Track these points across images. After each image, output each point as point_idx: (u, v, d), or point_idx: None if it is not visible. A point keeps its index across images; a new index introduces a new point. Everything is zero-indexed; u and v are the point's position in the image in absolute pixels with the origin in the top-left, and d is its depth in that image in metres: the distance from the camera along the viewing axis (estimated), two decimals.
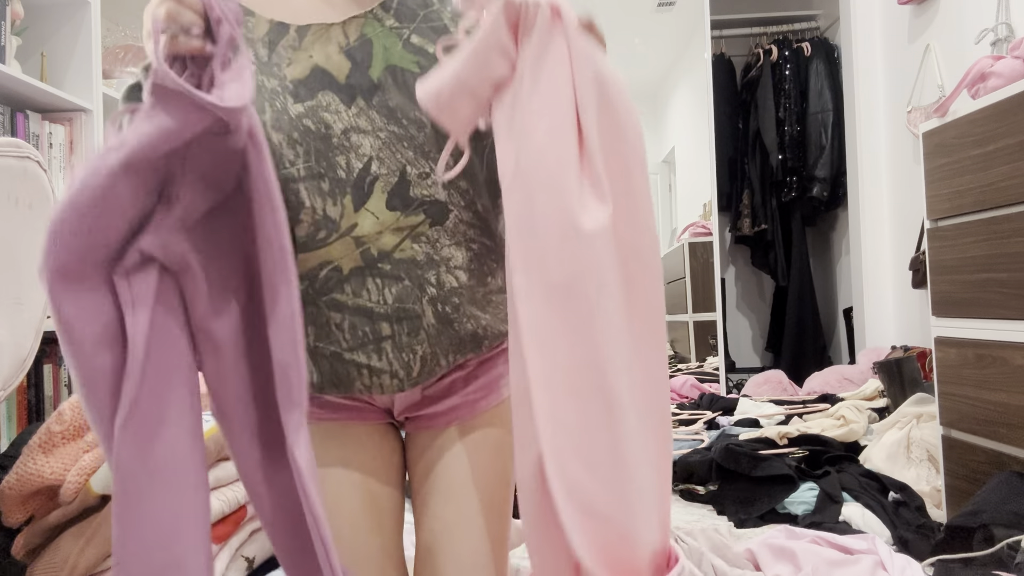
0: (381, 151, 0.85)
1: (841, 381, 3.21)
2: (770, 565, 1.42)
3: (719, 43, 4.34)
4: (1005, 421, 1.61)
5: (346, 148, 0.84)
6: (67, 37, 2.17)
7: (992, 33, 2.35)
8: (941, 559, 1.42)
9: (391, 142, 0.85)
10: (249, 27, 0.87)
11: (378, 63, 0.86)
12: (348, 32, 0.87)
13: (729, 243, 4.56)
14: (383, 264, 0.85)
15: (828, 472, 2.05)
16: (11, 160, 1.10)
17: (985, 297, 1.66)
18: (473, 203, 0.89)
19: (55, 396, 1.96)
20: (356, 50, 0.86)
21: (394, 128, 0.85)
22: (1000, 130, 1.60)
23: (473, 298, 0.89)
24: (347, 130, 0.85)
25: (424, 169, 0.86)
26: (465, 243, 0.88)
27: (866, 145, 3.49)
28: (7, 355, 1.10)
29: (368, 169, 0.85)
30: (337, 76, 0.85)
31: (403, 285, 0.86)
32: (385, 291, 0.86)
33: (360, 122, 0.85)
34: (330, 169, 0.84)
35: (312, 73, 0.85)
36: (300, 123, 0.84)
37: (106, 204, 0.63)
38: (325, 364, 0.89)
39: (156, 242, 0.67)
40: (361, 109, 0.85)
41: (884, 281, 3.46)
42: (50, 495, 1.13)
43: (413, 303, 0.86)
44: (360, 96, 0.85)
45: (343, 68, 0.85)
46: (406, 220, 0.85)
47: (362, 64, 0.85)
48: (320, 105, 0.85)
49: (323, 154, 0.84)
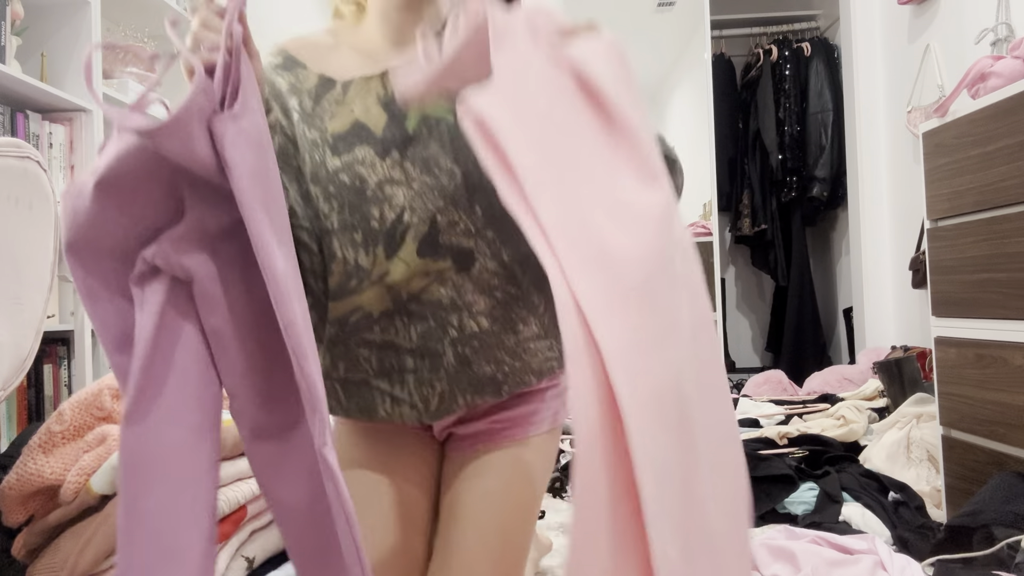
0: (413, 201, 0.87)
1: (841, 381, 3.21)
2: (768, 565, 1.42)
3: (719, 43, 4.34)
4: (1005, 421, 1.61)
5: (380, 200, 0.87)
6: (67, 37, 2.16)
7: (992, 33, 2.35)
8: (941, 559, 1.43)
9: (423, 192, 0.87)
10: (300, 78, 0.92)
11: (414, 114, 0.88)
12: (387, 84, 0.90)
13: (729, 243, 4.56)
14: (411, 305, 0.89)
15: (828, 472, 2.05)
16: (11, 160, 1.10)
17: (985, 297, 1.66)
18: (499, 253, 0.90)
19: (55, 396, 1.96)
20: (393, 102, 0.88)
21: (427, 178, 0.87)
22: (1000, 130, 1.60)
23: (500, 344, 0.91)
24: (381, 182, 0.87)
25: (453, 217, 0.88)
26: (489, 291, 0.89)
27: (866, 145, 3.49)
28: (7, 355, 1.10)
29: (400, 219, 0.87)
30: (374, 129, 0.88)
31: (428, 325, 0.89)
32: (411, 328, 0.89)
33: (394, 174, 0.87)
34: (363, 220, 0.87)
35: (352, 127, 0.89)
36: (336, 177, 0.87)
37: (95, 220, 0.69)
38: (353, 390, 0.93)
39: (158, 253, 0.71)
40: (395, 161, 0.88)
41: (884, 281, 3.46)
42: (50, 495, 1.13)
43: (436, 343, 0.89)
44: (395, 149, 0.88)
45: (380, 121, 0.89)
46: (434, 265, 0.88)
47: (398, 116, 0.88)
48: (356, 159, 0.87)
49: (357, 207, 0.87)
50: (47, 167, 1.21)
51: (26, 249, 1.15)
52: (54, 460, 1.12)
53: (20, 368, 1.14)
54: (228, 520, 1.13)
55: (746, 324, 4.71)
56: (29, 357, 1.16)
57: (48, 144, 2.05)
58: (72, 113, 2.12)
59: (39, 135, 2.02)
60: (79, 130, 2.13)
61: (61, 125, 2.10)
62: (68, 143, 2.12)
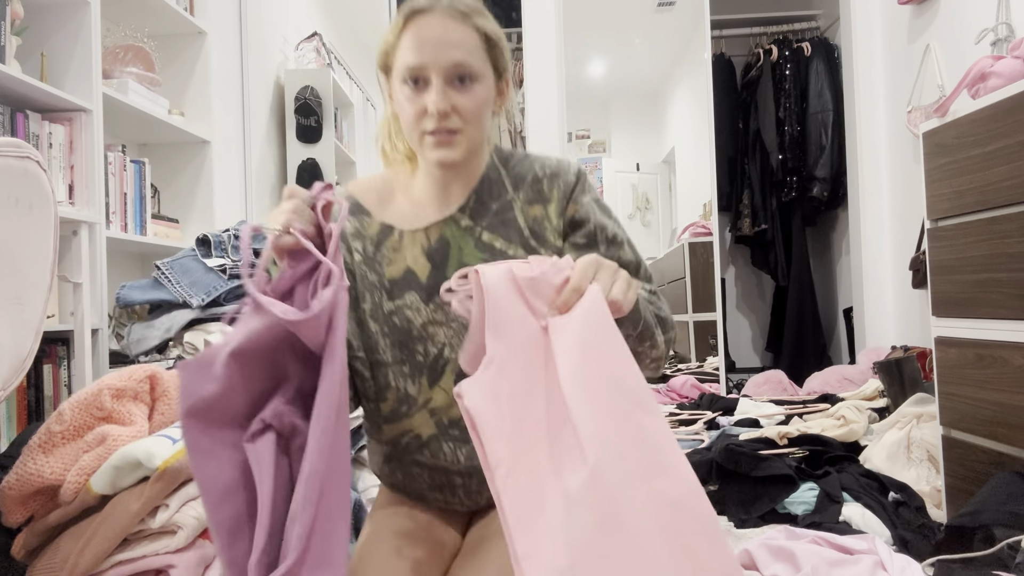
0: (452, 339, 1.02)
1: (841, 381, 3.21)
2: (768, 565, 1.42)
3: (719, 43, 4.34)
4: (1005, 421, 1.61)
5: (424, 338, 1.02)
6: (67, 37, 2.17)
7: (992, 33, 2.35)
8: (941, 559, 1.42)
9: (460, 331, 1.01)
10: (364, 225, 1.07)
11: (453, 263, 1.03)
12: (431, 235, 1.04)
13: (729, 243, 4.56)
14: (453, 430, 1.02)
15: (828, 472, 2.05)
16: (11, 160, 1.10)
17: (985, 297, 1.66)
18: None
19: (55, 396, 1.96)
20: (436, 252, 1.04)
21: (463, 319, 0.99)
22: (1000, 130, 1.60)
23: None
24: (425, 323, 1.02)
25: None
26: None
27: (866, 145, 3.49)
28: (7, 355, 1.10)
29: (441, 354, 1.02)
30: (421, 277, 1.03)
31: (470, 447, 1.01)
32: (457, 452, 1.03)
33: (436, 316, 1.02)
34: (411, 355, 1.02)
35: (404, 274, 1.04)
36: (390, 319, 1.03)
37: (222, 387, 0.78)
38: (410, 489, 1.09)
39: (274, 414, 0.81)
40: (437, 305, 1.02)
41: (884, 281, 3.46)
42: (50, 495, 1.13)
43: (478, 461, 0.98)
44: (436, 295, 1.01)
45: (425, 270, 1.03)
46: None
47: (440, 265, 1.03)
48: (405, 304, 1.03)
49: (405, 344, 1.02)
50: (47, 167, 1.21)
51: (26, 249, 1.15)
52: (54, 460, 1.12)
53: (20, 368, 1.14)
54: None
55: (746, 324, 4.71)
56: (29, 357, 1.16)
57: (48, 144, 2.05)
58: (72, 113, 2.12)
59: (39, 135, 2.02)
60: (79, 130, 2.13)
61: (61, 125, 2.10)
62: (68, 143, 2.12)
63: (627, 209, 4.75)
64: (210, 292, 1.83)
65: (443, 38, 0.96)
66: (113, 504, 1.06)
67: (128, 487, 1.08)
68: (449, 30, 0.96)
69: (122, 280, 2.18)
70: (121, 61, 2.47)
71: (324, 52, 3.79)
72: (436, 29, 0.96)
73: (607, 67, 4.74)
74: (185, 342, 1.82)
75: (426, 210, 1.05)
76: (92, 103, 2.15)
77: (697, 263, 4.10)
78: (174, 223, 2.75)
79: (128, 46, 2.52)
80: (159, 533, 1.07)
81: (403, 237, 1.04)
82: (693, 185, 4.35)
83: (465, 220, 1.04)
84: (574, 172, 1.06)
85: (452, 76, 0.96)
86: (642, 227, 4.76)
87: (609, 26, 4.41)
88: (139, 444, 1.08)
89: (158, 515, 1.06)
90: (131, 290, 1.88)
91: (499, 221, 1.03)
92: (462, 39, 0.97)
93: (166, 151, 2.85)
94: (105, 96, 2.25)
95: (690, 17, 3.87)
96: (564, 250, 1.04)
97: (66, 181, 2.11)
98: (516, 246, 1.03)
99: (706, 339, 4.12)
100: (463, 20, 0.97)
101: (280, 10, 3.71)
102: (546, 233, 1.03)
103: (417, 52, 0.95)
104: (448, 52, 0.95)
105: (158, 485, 1.06)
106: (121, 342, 2.10)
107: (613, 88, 4.84)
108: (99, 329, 2.10)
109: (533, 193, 1.05)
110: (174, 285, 1.84)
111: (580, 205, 1.04)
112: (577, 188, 1.05)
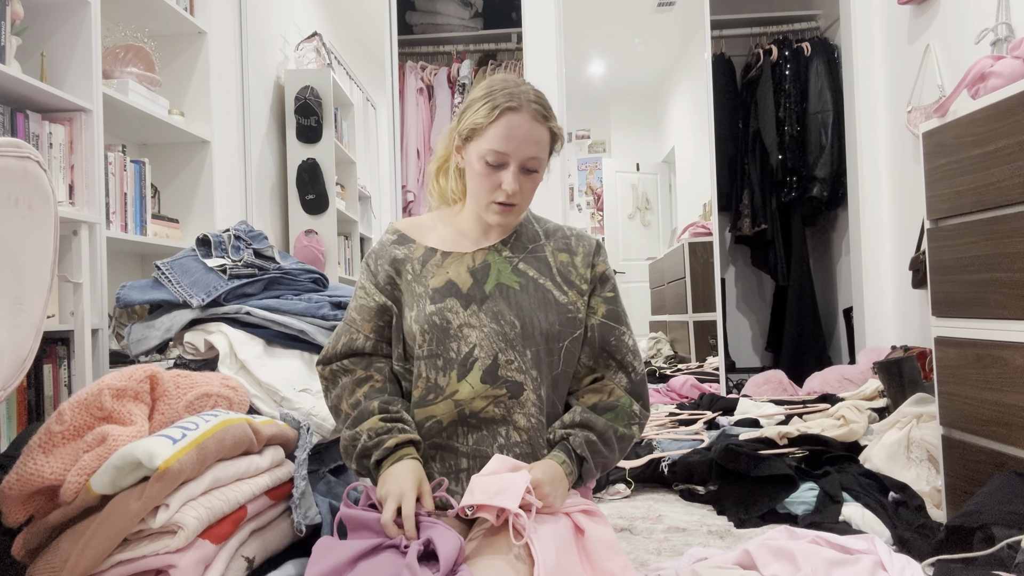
0: (482, 341, 1.20)
1: (841, 381, 3.21)
2: (768, 565, 1.42)
3: (719, 43, 4.34)
4: (1005, 421, 1.61)
5: (458, 337, 1.20)
6: (67, 37, 2.16)
7: (992, 33, 2.35)
8: (941, 559, 1.42)
9: (491, 335, 1.20)
10: (411, 250, 1.29)
11: (491, 281, 1.24)
12: (475, 258, 1.27)
13: (729, 243, 4.56)
14: (470, 419, 1.20)
15: (828, 472, 2.05)
16: (11, 160, 1.10)
17: (985, 297, 1.66)
18: (539, 388, 1.21)
19: (55, 396, 1.96)
20: (478, 271, 1.25)
21: (494, 326, 1.20)
22: (1000, 130, 1.60)
23: (533, 454, 1.20)
24: (461, 325, 1.21)
25: (510, 357, 1.19)
26: (526, 415, 1.20)
27: (866, 145, 3.49)
28: (7, 355, 1.10)
29: (472, 353, 1.20)
30: (461, 287, 1.23)
31: (481, 434, 1.20)
32: (468, 436, 1.20)
33: (471, 320, 1.21)
34: (445, 352, 1.20)
35: (446, 284, 1.24)
36: (431, 319, 1.21)
37: None
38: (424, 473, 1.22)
39: None
40: (473, 312, 1.21)
41: (884, 281, 3.46)
42: (50, 495, 1.13)
43: (486, 447, 1.19)
44: (474, 303, 1.22)
45: (467, 282, 1.24)
46: (493, 391, 1.19)
47: (480, 281, 1.24)
48: (446, 307, 1.22)
49: (441, 341, 1.20)
50: (47, 167, 1.20)
51: (26, 249, 1.15)
52: (54, 460, 1.12)
53: (20, 368, 1.14)
54: (228, 520, 1.12)
55: (746, 324, 4.71)
56: (29, 357, 1.16)
57: (48, 144, 2.05)
58: (72, 113, 2.12)
59: (39, 135, 2.02)
60: (79, 130, 2.13)
61: (61, 125, 2.10)
62: (68, 143, 2.12)
63: (627, 209, 4.75)
64: (210, 292, 1.82)
65: (527, 136, 1.18)
66: (113, 504, 1.06)
67: (128, 487, 1.08)
68: (532, 130, 1.18)
69: (122, 280, 2.17)
70: (121, 61, 2.47)
71: (324, 52, 3.79)
72: (523, 127, 1.18)
73: (607, 67, 4.74)
74: (185, 342, 1.82)
75: (469, 239, 1.29)
76: (92, 103, 2.15)
77: (697, 263, 4.10)
78: (174, 223, 2.75)
79: (128, 46, 2.51)
80: (159, 533, 1.07)
81: (446, 257, 1.27)
82: (693, 185, 4.35)
83: (506, 251, 1.28)
84: (595, 238, 1.34)
85: (525, 166, 1.19)
86: (642, 227, 4.76)
87: (609, 26, 4.41)
88: (139, 444, 1.07)
89: (158, 515, 1.06)
90: (131, 290, 1.88)
91: (533, 257, 1.28)
92: (539, 138, 1.20)
93: (166, 151, 2.86)
94: (105, 96, 2.24)
95: (690, 17, 3.87)
96: (593, 303, 1.28)
97: (66, 181, 2.11)
98: (546, 278, 1.26)
99: (706, 339, 4.13)
100: (543, 122, 1.20)
101: (280, 10, 3.70)
102: (572, 276, 1.28)
103: (504, 142, 1.17)
104: (528, 148, 1.18)
105: (158, 485, 1.05)
106: (121, 342, 2.10)
107: (613, 88, 4.84)
108: (99, 329, 2.10)
109: (562, 244, 1.31)
110: (174, 285, 1.84)
111: (606, 266, 1.31)
112: (599, 250, 1.32)
